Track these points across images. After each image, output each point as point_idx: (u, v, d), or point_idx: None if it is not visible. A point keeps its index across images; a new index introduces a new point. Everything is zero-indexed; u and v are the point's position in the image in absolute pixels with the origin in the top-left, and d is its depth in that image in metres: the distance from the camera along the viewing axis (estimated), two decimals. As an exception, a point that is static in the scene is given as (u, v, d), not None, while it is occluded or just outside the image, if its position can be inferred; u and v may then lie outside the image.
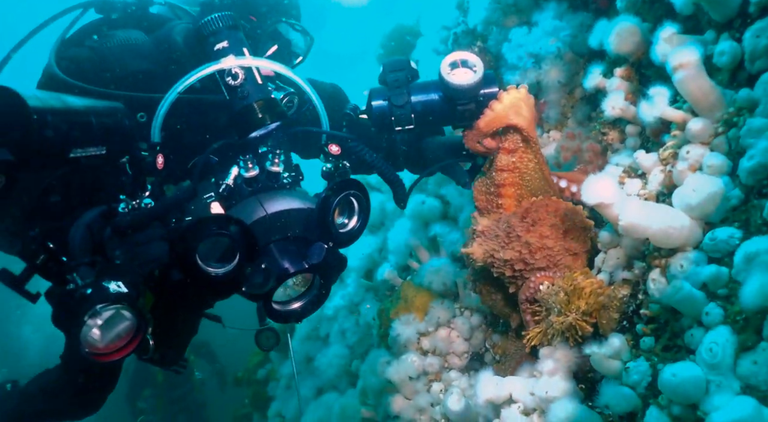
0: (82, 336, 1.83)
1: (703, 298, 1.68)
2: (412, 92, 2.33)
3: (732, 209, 1.78)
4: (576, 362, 2.08)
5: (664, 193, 2.02)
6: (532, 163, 2.28)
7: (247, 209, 2.12)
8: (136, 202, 2.11)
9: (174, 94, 2.18)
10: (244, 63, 2.20)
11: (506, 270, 2.17)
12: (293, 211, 2.13)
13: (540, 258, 2.11)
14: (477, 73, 2.21)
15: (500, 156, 2.26)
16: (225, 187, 2.17)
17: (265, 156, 2.25)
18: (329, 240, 2.11)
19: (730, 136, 1.88)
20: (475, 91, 2.24)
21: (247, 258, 1.93)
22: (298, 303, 2.19)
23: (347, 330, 4.02)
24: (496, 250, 2.17)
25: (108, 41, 2.47)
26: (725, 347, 1.55)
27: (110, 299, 1.85)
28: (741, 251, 1.61)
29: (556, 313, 2.00)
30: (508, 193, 2.29)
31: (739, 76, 1.99)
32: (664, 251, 1.87)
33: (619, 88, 2.45)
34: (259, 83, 2.24)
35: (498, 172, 2.28)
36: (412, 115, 2.32)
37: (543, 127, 3.18)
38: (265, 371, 6.07)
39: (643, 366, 1.78)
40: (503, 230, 2.16)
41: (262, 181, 2.21)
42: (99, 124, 2.06)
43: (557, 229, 2.12)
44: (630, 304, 1.96)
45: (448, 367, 2.92)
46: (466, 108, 2.28)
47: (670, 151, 2.04)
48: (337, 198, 2.08)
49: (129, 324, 1.89)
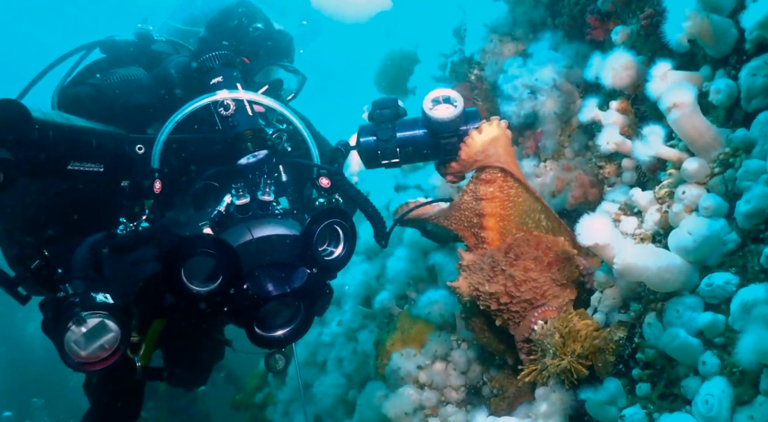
0: (65, 341, 1.96)
1: (699, 346, 1.65)
2: (397, 128, 2.43)
3: (729, 253, 1.74)
4: (572, 405, 2.05)
5: (660, 232, 1.99)
6: (513, 190, 2.29)
7: (235, 234, 2.19)
8: (134, 224, 2.23)
9: (172, 122, 2.28)
10: (235, 96, 2.34)
11: (491, 303, 2.15)
12: (279, 237, 2.19)
13: (526, 290, 2.09)
14: (457, 108, 2.31)
15: (480, 187, 2.28)
16: (217, 214, 2.24)
17: (258, 185, 2.32)
18: (313, 267, 2.18)
19: (727, 177, 1.86)
20: (456, 125, 2.34)
21: (230, 279, 2.00)
22: (282, 331, 2.23)
23: (344, 359, 3.98)
24: (481, 284, 2.16)
25: (109, 78, 2.60)
26: (721, 400, 1.51)
27: (95, 307, 2.00)
28: (738, 299, 1.58)
29: (552, 355, 1.96)
30: (490, 224, 2.30)
31: (736, 114, 1.97)
32: (659, 294, 1.83)
33: (615, 122, 2.43)
34: (249, 115, 2.38)
35: (479, 201, 2.29)
36: (397, 149, 2.43)
37: (540, 157, 3.15)
38: (263, 395, 6.01)
39: (639, 414, 1.74)
40: (488, 264, 2.16)
41: (253, 209, 2.27)
42: (99, 144, 2.18)
43: (540, 261, 2.11)
44: (626, 347, 1.92)
45: (445, 401, 2.87)
46: (449, 141, 2.37)
47: (666, 190, 2.01)
48: (321, 225, 2.15)
49: (113, 336, 2.02)
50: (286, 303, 2.21)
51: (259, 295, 2.11)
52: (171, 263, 1.94)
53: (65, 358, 2.01)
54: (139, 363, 2.36)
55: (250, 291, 2.09)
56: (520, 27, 3.34)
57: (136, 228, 2.23)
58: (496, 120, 2.26)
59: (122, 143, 2.32)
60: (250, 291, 2.09)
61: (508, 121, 3.20)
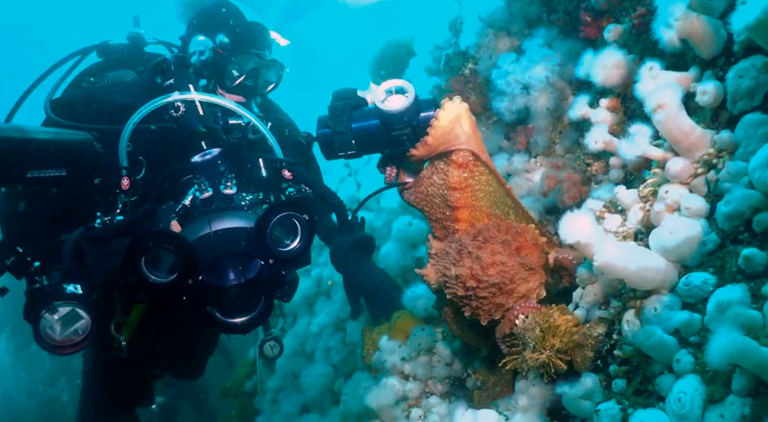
0: (40, 327, 2.22)
1: (674, 345, 1.66)
2: (353, 119, 2.50)
3: (708, 254, 1.76)
4: (550, 399, 2.07)
5: (643, 231, 2.01)
6: (484, 176, 2.28)
7: (196, 227, 2.31)
8: (108, 219, 2.41)
9: (131, 125, 2.42)
10: (185, 97, 2.47)
11: (458, 289, 2.12)
12: (237, 230, 2.30)
13: (494, 273, 2.05)
14: (408, 99, 2.35)
15: (451, 171, 2.25)
16: (181, 208, 2.36)
17: (220, 180, 2.42)
18: (269, 258, 2.28)
19: (710, 178, 1.87)
20: (409, 116, 2.37)
21: (186, 271, 2.13)
22: (241, 318, 2.34)
23: (332, 349, 4.00)
24: (447, 268, 2.14)
25: (101, 81, 2.81)
26: (694, 398, 1.53)
27: (65, 298, 2.26)
28: (714, 299, 1.60)
29: (531, 349, 1.98)
30: (463, 216, 2.29)
31: (721, 115, 1.98)
32: (639, 292, 1.85)
33: (605, 121, 2.44)
34: (200, 114, 2.50)
35: (450, 191, 2.27)
36: (352, 140, 2.49)
37: (531, 152, 3.16)
38: (252, 383, 6.02)
39: (614, 409, 1.76)
40: (454, 248, 2.15)
41: (216, 202, 2.39)
42: (57, 150, 2.31)
43: (509, 246, 2.08)
44: (605, 343, 1.94)
45: (429, 393, 2.89)
46: (402, 132, 2.41)
47: (650, 189, 2.03)
48: (273, 218, 2.22)
49: (84, 322, 2.26)
50: (245, 292, 2.30)
51: (215, 286, 2.24)
52: (131, 256, 2.08)
53: (40, 342, 2.23)
54: (123, 341, 2.56)
55: (207, 281, 2.23)
56: (516, 22, 3.33)
57: (111, 221, 2.40)
58: (456, 97, 2.24)
59: (86, 147, 2.46)
60: (207, 281, 2.23)
61: (501, 116, 3.25)
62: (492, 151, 3.39)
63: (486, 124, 3.53)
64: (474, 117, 2.32)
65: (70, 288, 2.31)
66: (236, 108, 2.58)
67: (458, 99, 2.24)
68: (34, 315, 2.24)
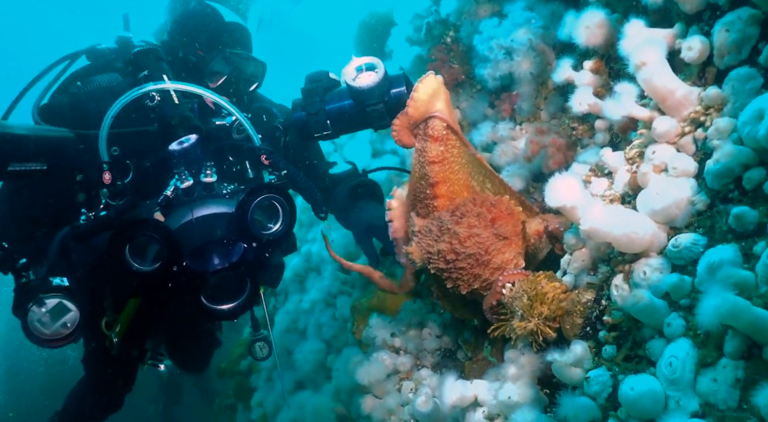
0: (28, 321, 2.26)
1: (664, 308, 1.63)
2: (326, 101, 2.59)
3: (697, 214, 1.72)
4: (540, 367, 2.04)
5: (630, 194, 1.96)
6: (456, 149, 2.25)
7: (179, 215, 2.35)
8: (93, 214, 2.45)
9: (108, 119, 2.44)
10: (160, 87, 2.51)
11: (440, 263, 2.12)
12: (219, 216, 2.34)
13: (470, 245, 2.04)
14: (378, 74, 2.43)
15: (429, 146, 2.23)
16: (163, 198, 2.39)
17: (200, 169, 2.45)
18: (251, 241, 2.32)
19: (697, 136, 1.82)
20: (380, 91, 2.45)
21: (170, 258, 2.18)
22: (229, 305, 2.38)
23: (324, 325, 3.97)
24: (430, 245, 2.13)
25: (87, 86, 2.83)
26: (685, 362, 1.49)
27: (52, 290, 2.30)
28: (704, 260, 1.56)
29: (519, 318, 1.94)
30: (441, 191, 2.27)
31: (708, 72, 1.92)
32: (627, 256, 1.81)
33: (588, 83, 2.38)
34: (175, 103, 2.56)
35: (430, 166, 2.24)
36: (327, 121, 2.59)
37: (516, 119, 3.10)
38: (247, 362, 6.01)
39: (604, 376, 1.73)
40: (436, 226, 2.14)
41: (197, 192, 2.42)
42: (37, 145, 2.36)
43: (483, 218, 2.07)
44: (594, 310, 1.90)
45: (420, 365, 2.87)
46: (375, 108, 2.49)
47: (636, 150, 1.98)
48: (253, 201, 2.26)
49: (72, 315, 2.31)
50: (230, 278, 2.34)
51: (199, 271, 2.29)
52: (114, 246, 2.14)
53: (29, 336, 2.28)
54: (115, 338, 2.59)
55: (191, 267, 2.28)
56: (496, -14, 3.25)
57: (95, 216, 2.45)
58: (432, 73, 2.22)
59: (66, 143, 2.51)
60: (191, 267, 2.28)
61: (484, 83, 3.18)
62: (476, 120, 3.33)
63: (470, 93, 3.46)
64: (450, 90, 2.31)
65: (56, 281, 2.35)
66: (211, 95, 2.59)
67: (432, 73, 2.23)
68: (21, 308, 2.28)
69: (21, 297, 2.36)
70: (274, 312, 5.20)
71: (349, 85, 2.45)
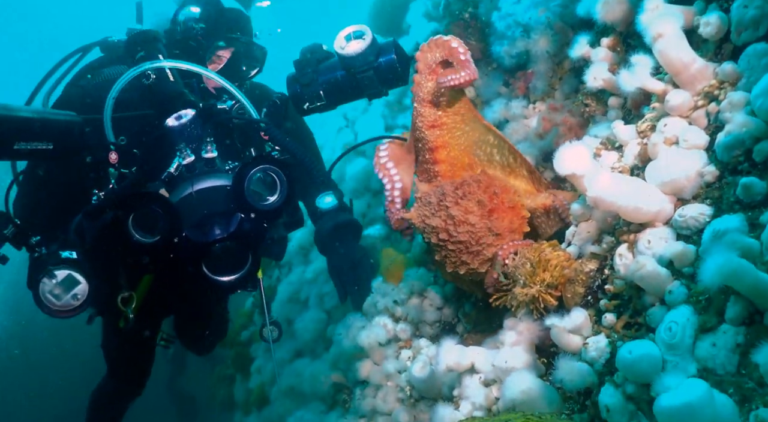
0: (40, 292, 2.39)
1: (667, 276, 1.63)
2: (320, 72, 2.66)
3: (706, 186, 1.72)
4: (539, 335, 2.05)
5: (639, 166, 1.96)
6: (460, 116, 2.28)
7: (180, 190, 2.45)
8: (102, 194, 2.54)
9: (110, 100, 2.55)
10: (155, 65, 2.60)
11: (432, 237, 2.14)
12: (218, 188, 2.43)
13: (462, 232, 2.06)
14: (365, 40, 2.50)
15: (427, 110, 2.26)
16: (167, 175, 2.49)
17: (200, 145, 2.54)
18: (250, 212, 2.39)
19: (710, 110, 1.82)
20: (369, 58, 2.53)
21: (171, 229, 2.27)
22: (230, 276, 2.46)
23: (326, 295, 3.99)
24: (427, 216, 2.14)
25: (96, 78, 2.97)
26: (685, 327, 1.50)
27: (61, 261, 2.42)
28: (710, 229, 1.56)
29: (521, 285, 1.95)
30: (441, 156, 2.29)
31: (725, 48, 1.91)
32: (633, 226, 1.81)
33: (605, 59, 2.37)
34: (171, 80, 2.65)
35: (431, 130, 2.27)
36: (320, 92, 2.65)
37: (529, 98, 3.10)
38: (248, 333, 6.06)
39: (603, 342, 1.74)
40: (437, 197, 2.14)
41: (199, 167, 2.50)
42: (43, 125, 2.43)
43: (483, 206, 2.07)
44: (596, 279, 1.91)
45: (419, 335, 2.89)
46: (365, 75, 2.58)
47: (648, 124, 1.97)
48: (251, 170, 2.32)
49: (82, 287, 2.43)
50: (231, 249, 2.43)
51: (200, 241, 2.38)
52: (118, 218, 2.25)
53: (41, 306, 2.40)
54: (131, 314, 2.67)
55: (191, 238, 2.37)
56: (517, -37, 3.23)
57: (106, 196, 2.53)
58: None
59: (72, 125, 2.57)
60: (191, 238, 2.37)
61: (500, 61, 3.18)
62: (490, 98, 3.33)
63: (485, 70, 3.46)
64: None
65: (65, 254, 2.47)
66: (208, 73, 2.68)
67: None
68: (33, 281, 2.40)
69: (33, 270, 2.47)
70: (277, 283, 5.22)
71: (339, 53, 2.53)
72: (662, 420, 1.26)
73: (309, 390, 3.36)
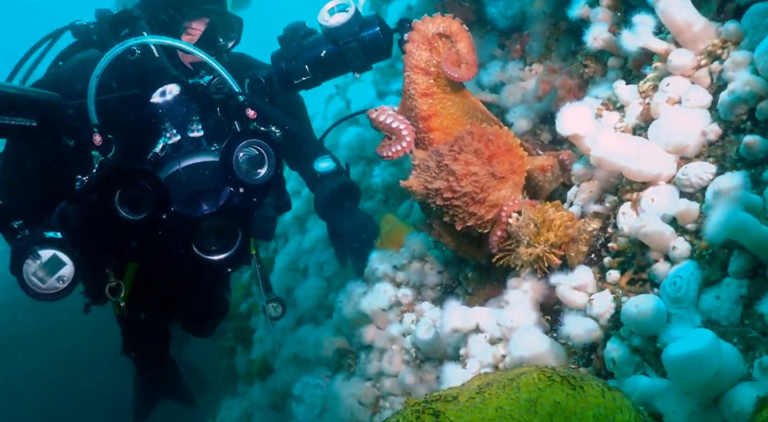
0: (23, 273, 2.30)
1: (671, 233, 1.67)
2: (305, 47, 2.66)
3: (708, 144, 1.74)
4: (543, 293, 2.09)
5: (641, 126, 1.98)
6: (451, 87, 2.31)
7: (168, 167, 2.46)
8: (87, 178, 2.47)
9: (95, 80, 2.48)
10: (139, 42, 2.56)
11: (437, 200, 2.15)
12: (205, 164, 2.45)
13: (466, 184, 2.06)
14: (349, 12, 2.55)
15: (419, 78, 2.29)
16: (152, 155, 2.49)
17: (186, 124, 2.54)
18: (238, 187, 2.39)
19: (713, 69, 1.83)
20: (352, 30, 2.58)
21: (159, 205, 2.26)
22: (221, 255, 2.47)
23: (325, 263, 4.01)
24: (429, 181, 2.16)
25: (67, 64, 2.95)
26: (690, 281, 1.54)
27: (45, 241, 2.34)
28: (713, 186, 1.59)
29: (525, 245, 1.98)
30: (434, 125, 2.32)
31: (727, 7, 1.92)
32: (636, 185, 1.84)
33: (604, 19, 2.37)
34: (156, 56, 2.62)
35: (423, 99, 2.30)
36: (306, 66, 2.66)
37: (525, 60, 3.09)
38: (247, 305, 6.07)
39: (608, 298, 1.78)
40: (434, 161, 2.15)
41: (185, 147, 2.52)
42: (26, 102, 2.42)
43: (481, 154, 2.08)
44: (599, 238, 1.94)
45: (421, 299, 2.92)
46: (349, 47, 2.60)
47: (650, 83, 1.99)
48: (238, 144, 2.34)
49: (68, 269, 2.34)
50: (220, 226, 2.43)
51: (188, 216, 2.38)
52: (104, 195, 2.24)
53: (25, 289, 2.32)
54: (122, 302, 2.70)
55: (179, 214, 2.36)
56: None
57: (89, 179, 2.46)
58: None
59: (56, 105, 2.56)
60: (179, 214, 2.36)
61: (495, 22, 3.16)
62: (485, 61, 3.32)
63: (479, 33, 3.44)
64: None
65: (49, 234, 2.40)
66: (188, 47, 2.65)
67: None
68: (17, 263, 2.31)
69: (16, 252, 2.37)
70: (274, 255, 5.24)
71: (323, 25, 2.57)
72: (671, 368, 1.30)
73: (313, 357, 3.40)
